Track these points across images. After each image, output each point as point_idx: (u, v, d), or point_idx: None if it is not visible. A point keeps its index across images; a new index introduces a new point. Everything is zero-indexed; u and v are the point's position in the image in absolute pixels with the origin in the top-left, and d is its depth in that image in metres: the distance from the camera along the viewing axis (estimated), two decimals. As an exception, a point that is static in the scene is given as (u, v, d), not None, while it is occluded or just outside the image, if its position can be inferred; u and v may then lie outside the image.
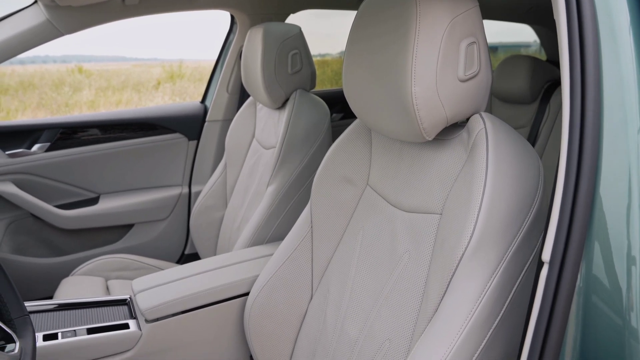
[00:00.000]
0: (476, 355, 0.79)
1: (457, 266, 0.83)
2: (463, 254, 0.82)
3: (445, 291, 0.85)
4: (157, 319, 1.24)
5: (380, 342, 0.96)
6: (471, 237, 0.82)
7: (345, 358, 1.02)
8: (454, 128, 0.97)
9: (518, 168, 0.84)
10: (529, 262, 0.84)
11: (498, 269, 0.81)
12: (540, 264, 0.69)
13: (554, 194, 0.68)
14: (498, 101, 2.47)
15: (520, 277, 0.83)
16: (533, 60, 2.27)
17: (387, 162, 1.08)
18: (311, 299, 1.18)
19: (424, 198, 0.97)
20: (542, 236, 0.85)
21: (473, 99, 0.90)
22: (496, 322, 0.81)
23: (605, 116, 0.66)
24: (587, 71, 0.67)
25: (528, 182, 0.84)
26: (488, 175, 0.83)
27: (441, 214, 0.93)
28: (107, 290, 1.92)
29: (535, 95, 2.28)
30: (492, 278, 0.81)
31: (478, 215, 0.81)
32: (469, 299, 0.80)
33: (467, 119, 0.93)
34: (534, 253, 0.85)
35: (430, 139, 0.92)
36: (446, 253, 0.86)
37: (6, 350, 0.84)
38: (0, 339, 0.86)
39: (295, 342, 1.19)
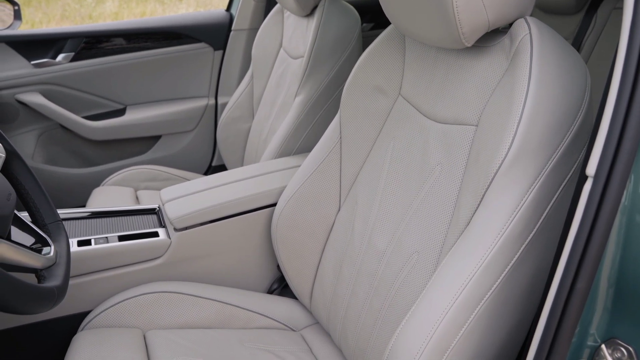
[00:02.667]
0: (507, 269, 0.78)
1: (492, 179, 0.80)
2: (499, 167, 0.79)
3: (478, 205, 0.83)
4: (186, 228, 1.26)
5: (409, 255, 0.95)
6: (509, 149, 0.78)
7: (373, 270, 1.02)
8: (495, 34, 0.90)
9: (564, 77, 0.79)
10: (568, 177, 0.81)
11: (535, 183, 0.78)
12: (583, 179, 0.65)
13: (604, 105, 0.63)
14: (539, 11, 2.33)
15: (559, 192, 0.80)
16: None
17: (421, 71, 1.02)
18: (339, 210, 1.17)
19: (459, 109, 0.92)
20: (585, 150, 0.81)
21: (518, 0, 0.83)
22: (530, 237, 0.79)
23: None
24: None
25: (574, 93, 0.79)
26: (531, 84, 0.78)
27: (477, 126, 0.89)
28: (137, 199, 1.96)
29: (581, 4, 2.13)
30: (529, 192, 0.78)
31: (518, 126, 0.77)
32: (502, 213, 0.78)
33: (510, 24, 0.87)
34: (574, 168, 0.81)
35: (469, 45, 0.86)
36: (481, 166, 0.83)
37: (42, 253, 0.86)
38: (36, 242, 0.87)
39: (322, 253, 1.20)
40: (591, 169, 0.63)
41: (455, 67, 0.95)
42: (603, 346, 0.64)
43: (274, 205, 1.31)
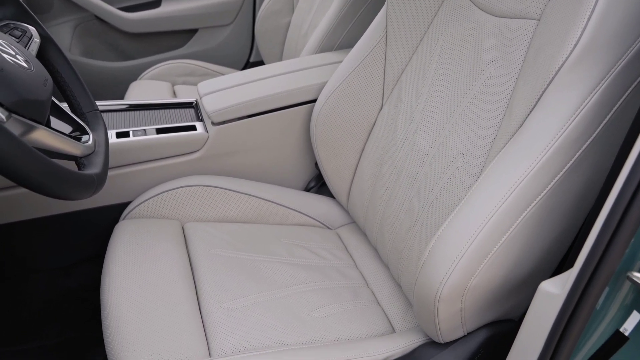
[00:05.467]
0: (559, 175, 0.74)
1: (552, 78, 0.74)
2: (562, 65, 0.73)
3: (534, 106, 0.77)
4: (223, 122, 1.24)
5: (453, 156, 0.92)
6: (575, 45, 0.71)
7: (414, 170, 0.99)
8: None
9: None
10: (637, 81, 0.74)
11: (601, 84, 0.72)
12: None
13: None
14: None
15: (625, 96, 0.73)
16: None
17: (480, -43, 0.93)
18: (381, 108, 1.13)
19: (520, 0, 0.84)
20: None
21: None
22: (588, 142, 0.73)
23: None
24: None
25: None
26: None
27: (539, 20, 0.81)
28: (174, 94, 1.94)
29: None
30: (592, 94, 0.72)
31: (589, 18, 0.69)
32: (561, 115, 0.73)
33: None
34: None
35: None
36: (541, 63, 0.77)
37: (81, 141, 0.85)
38: (74, 131, 0.87)
39: (362, 152, 1.17)
40: None
41: (520, -48, 0.86)
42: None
43: (314, 101, 1.27)
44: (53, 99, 0.83)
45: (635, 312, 0.62)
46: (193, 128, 1.24)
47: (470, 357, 0.86)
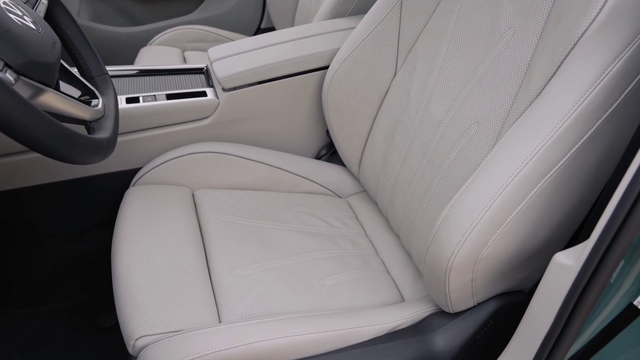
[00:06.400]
0: (578, 145, 0.72)
1: (573, 46, 0.72)
2: (584, 33, 0.70)
3: (553, 74, 0.75)
4: (234, 88, 1.22)
5: (468, 125, 0.90)
6: (598, 12, 0.69)
7: (427, 139, 0.98)
8: None
9: None
10: None
11: (624, 53, 0.69)
12: None
13: None
14: None
15: None
16: None
17: None
18: (394, 76, 1.11)
19: (543, -37, 0.81)
20: None
21: None
22: (607, 113, 0.71)
23: None
24: None
25: None
26: None
27: None
28: (184, 60, 1.92)
29: None
30: (614, 63, 0.69)
31: (613, -16, 0.67)
32: (581, 83, 0.70)
33: None
34: None
35: None
36: (562, 30, 0.74)
37: (91, 105, 0.85)
38: (84, 94, 0.86)
39: (374, 120, 1.15)
40: None
41: None
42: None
43: (326, 68, 1.24)
44: (62, 62, 0.82)
45: (650, 286, 0.61)
46: (203, 94, 1.23)
47: (479, 328, 0.86)
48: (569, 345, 0.67)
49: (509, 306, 0.87)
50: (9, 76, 0.61)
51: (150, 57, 1.88)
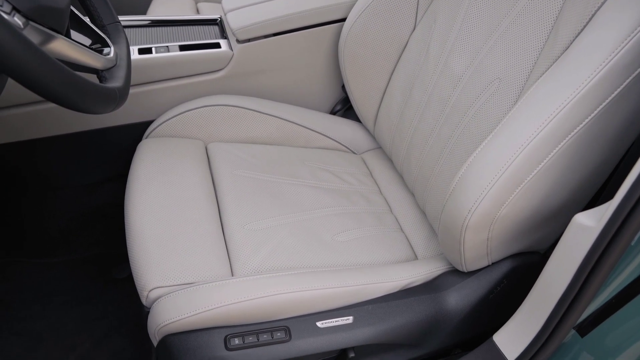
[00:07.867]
0: (604, 104, 0.69)
1: None
2: None
3: (584, 27, 0.71)
4: (249, 40, 1.19)
5: (489, 81, 0.87)
6: (635, -42, 0.65)
7: (446, 95, 0.95)
8: None
9: None
10: None
11: None
12: None
13: None
14: None
15: None
16: None
17: None
18: (414, 29, 1.07)
19: None
20: None
21: None
22: (636, 72, 0.68)
23: None
24: None
25: None
26: None
27: None
28: (197, 12, 1.88)
29: None
30: None
31: None
32: (612, 38, 0.67)
33: None
34: None
35: None
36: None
37: (103, 53, 0.83)
38: (95, 43, 0.84)
39: (392, 74, 1.12)
40: None
41: None
42: None
43: (343, 20, 1.20)
44: (73, 9, 0.79)
45: (673, 249, 0.59)
46: (217, 46, 1.20)
47: (493, 287, 0.85)
48: (585, 307, 0.66)
49: (523, 266, 0.86)
50: (18, 20, 0.59)
51: (163, 8, 1.84)
